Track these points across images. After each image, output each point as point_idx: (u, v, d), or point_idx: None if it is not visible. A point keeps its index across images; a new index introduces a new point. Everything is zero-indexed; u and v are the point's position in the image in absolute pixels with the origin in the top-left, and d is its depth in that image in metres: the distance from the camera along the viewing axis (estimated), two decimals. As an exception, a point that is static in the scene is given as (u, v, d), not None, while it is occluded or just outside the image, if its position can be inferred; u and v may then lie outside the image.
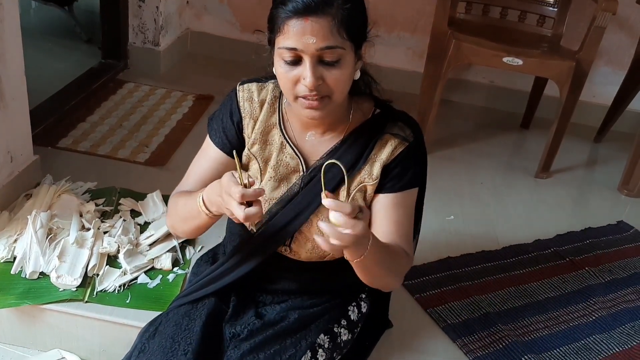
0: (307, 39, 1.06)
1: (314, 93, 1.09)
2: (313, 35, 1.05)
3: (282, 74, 1.12)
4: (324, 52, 1.07)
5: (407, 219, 1.26)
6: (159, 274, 1.63)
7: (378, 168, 1.22)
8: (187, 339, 1.20)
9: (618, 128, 2.98)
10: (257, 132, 1.26)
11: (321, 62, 1.09)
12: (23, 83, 1.81)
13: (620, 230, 2.28)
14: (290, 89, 1.12)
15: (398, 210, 1.23)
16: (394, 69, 3.08)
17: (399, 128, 1.24)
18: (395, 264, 1.20)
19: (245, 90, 1.26)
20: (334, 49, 1.07)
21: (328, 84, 1.10)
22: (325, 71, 1.09)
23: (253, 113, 1.26)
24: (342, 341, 1.34)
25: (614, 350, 1.68)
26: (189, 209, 1.19)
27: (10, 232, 1.66)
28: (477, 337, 1.63)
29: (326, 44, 1.06)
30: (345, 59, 1.10)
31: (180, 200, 1.25)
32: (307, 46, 1.06)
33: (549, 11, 2.71)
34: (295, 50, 1.07)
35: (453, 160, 2.63)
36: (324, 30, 1.06)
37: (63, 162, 2.11)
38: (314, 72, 1.07)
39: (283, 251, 1.30)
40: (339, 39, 1.07)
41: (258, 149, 1.26)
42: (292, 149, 1.25)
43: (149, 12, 2.84)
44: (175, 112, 2.59)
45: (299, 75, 1.09)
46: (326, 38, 1.06)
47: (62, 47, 3.21)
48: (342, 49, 1.08)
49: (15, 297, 1.49)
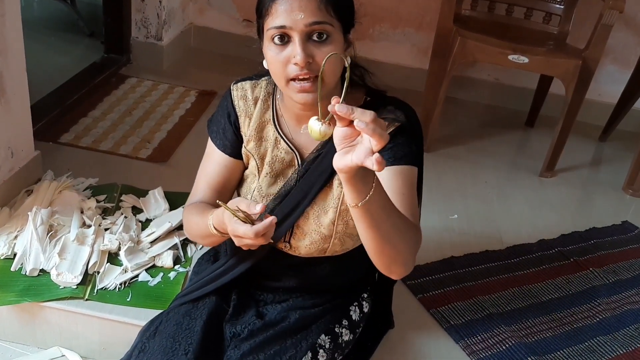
0: (295, 15, 1.06)
1: (305, 71, 1.08)
2: (301, 11, 1.06)
3: (272, 57, 1.11)
4: (313, 28, 1.07)
5: (410, 193, 1.18)
6: (160, 272, 1.62)
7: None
8: (188, 338, 1.19)
9: (623, 127, 2.96)
10: (252, 129, 1.26)
11: (310, 40, 1.09)
12: (24, 78, 1.80)
13: (625, 230, 2.27)
14: (281, 72, 1.11)
15: (398, 181, 1.17)
16: (399, 66, 3.06)
17: (389, 112, 1.22)
18: (406, 225, 1.08)
19: (239, 89, 1.27)
20: (322, 24, 1.08)
21: (318, 62, 1.09)
22: (315, 49, 1.09)
23: (248, 111, 1.26)
24: (343, 341, 1.33)
25: (618, 352, 1.67)
26: (203, 228, 1.19)
27: (11, 229, 1.64)
28: (481, 338, 1.62)
29: (314, 19, 1.07)
30: (334, 36, 1.10)
31: (193, 218, 1.25)
32: (296, 22, 1.06)
33: (556, 8, 2.69)
34: (284, 29, 1.07)
35: (457, 158, 2.61)
36: (312, 6, 1.07)
37: (64, 158, 2.10)
38: (304, 49, 1.07)
39: (283, 247, 1.29)
40: (327, 16, 1.08)
41: (254, 146, 1.26)
42: (286, 143, 1.25)
43: (152, 7, 2.82)
44: (177, 107, 2.58)
45: (289, 55, 1.09)
46: (314, 14, 1.07)
47: (64, 41, 3.19)
48: (330, 25, 1.09)
49: (15, 294, 1.48)
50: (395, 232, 1.04)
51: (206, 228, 1.17)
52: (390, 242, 1.05)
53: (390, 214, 1.02)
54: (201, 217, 1.21)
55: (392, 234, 1.04)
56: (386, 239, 1.04)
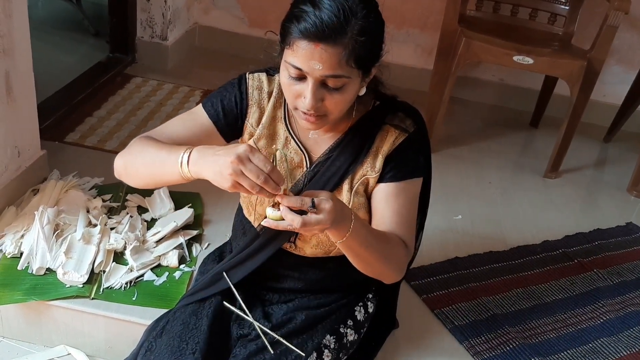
0: (313, 64, 1.04)
1: (311, 112, 1.09)
2: (320, 62, 1.03)
3: (285, 84, 1.12)
4: (329, 79, 1.06)
5: (408, 210, 1.24)
6: (165, 271, 1.63)
7: (380, 160, 1.22)
8: (195, 338, 1.20)
9: (628, 128, 2.96)
10: (264, 126, 1.25)
11: (324, 85, 1.07)
12: (31, 78, 1.81)
13: (629, 231, 2.26)
14: (291, 99, 1.12)
15: (398, 200, 1.22)
16: (403, 66, 3.06)
17: (399, 119, 1.23)
18: (388, 250, 1.18)
19: (255, 79, 1.26)
20: (339, 77, 1.06)
21: (326, 106, 1.09)
22: (327, 94, 1.08)
23: (261, 102, 1.25)
24: (348, 341, 1.34)
25: (622, 353, 1.67)
26: (163, 156, 1.10)
27: (17, 228, 1.65)
28: (484, 339, 1.62)
29: (332, 72, 1.05)
30: (350, 86, 1.09)
31: (152, 145, 1.15)
32: (313, 71, 1.05)
33: (561, 9, 2.68)
34: (300, 70, 1.06)
35: (461, 158, 2.61)
36: (332, 60, 1.03)
37: (70, 157, 2.10)
38: (315, 95, 1.07)
39: (288, 248, 1.30)
40: (347, 69, 1.05)
41: (264, 144, 1.26)
42: (296, 144, 1.25)
43: (157, 6, 2.83)
44: (182, 107, 2.59)
45: (301, 91, 1.08)
46: (333, 67, 1.04)
47: (69, 41, 3.20)
48: (348, 77, 1.07)
49: (22, 293, 1.49)
50: (376, 258, 1.17)
51: (168, 158, 1.08)
52: (371, 265, 1.18)
53: (370, 245, 1.14)
54: (168, 147, 1.12)
55: (372, 260, 1.17)
56: (367, 263, 1.18)
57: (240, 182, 0.98)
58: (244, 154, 0.98)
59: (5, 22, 1.63)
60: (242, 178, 0.98)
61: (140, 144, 1.18)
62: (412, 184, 1.24)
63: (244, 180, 0.98)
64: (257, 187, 0.98)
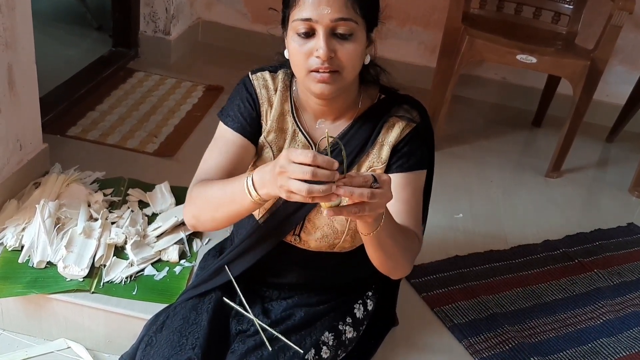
0: (322, 9, 1.08)
1: (326, 65, 1.10)
2: (328, 6, 1.08)
3: (295, 49, 1.13)
4: (338, 24, 1.09)
5: (416, 201, 1.25)
6: (165, 266, 1.63)
7: (387, 151, 1.22)
8: (195, 333, 1.20)
9: (631, 128, 2.95)
10: (273, 120, 1.26)
11: (334, 35, 1.10)
12: (33, 71, 1.81)
13: (630, 232, 2.26)
14: (302, 63, 1.12)
15: (407, 190, 1.22)
16: (406, 63, 3.06)
17: (405, 110, 1.24)
18: (409, 242, 1.18)
19: (260, 78, 1.27)
20: (347, 21, 1.09)
21: (340, 58, 1.11)
22: (338, 45, 1.10)
23: (270, 99, 1.26)
24: (347, 339, 1.34)
25: (621, 354, 1.67)
26: (228, 193, 1.10)
27: (19, 221, 1.66)
28: (484, 337, 1.63)
29: (340, 15, 1.08)
30: (358, 34, 1.12)
31: (213, 186, 1.15)
32: (322, 17, 1.08)
33: (565, 8, 2.68)
34: (309, 21, 1.09)
35: (463, 157, 2.61)
36: (339, 2, 1.08)
37: (72, 151, 2.11)
38: (328, 44, 1.09)
39: (292, 241, 1.30)
40: (353, 13, 1.10)
41: (274, 137, 1.26)
42: (304, 136, 1.25)
43: (160, 1, 2.83)
44: (185, 102, 2.59)
45: (312, 48, 1.11)
46: (340, 10, 1.09)
47: (72, 34, 3.19)
48: (355, 22, 1.10)
49: (23, 286, 1.49)
50: (399, 250, 1.16)
51: (234, 192, 1.08)
52: (392, 258, 1.17)
53: (396, 237, 1.12)
54: (229, 181, 1.12)
55: (396, 252, 1.15)
56: (389, 256, 1.15)
57: (291, 190, 0.92)
58: (284, 160, 0.94)
59: (8, 15, 1.63)
60: (290, 184, 0.92)
61: (199, 193, 1.17)
62: (418, 176, 1.25)
63: (292, 184, 0.92)
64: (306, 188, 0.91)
